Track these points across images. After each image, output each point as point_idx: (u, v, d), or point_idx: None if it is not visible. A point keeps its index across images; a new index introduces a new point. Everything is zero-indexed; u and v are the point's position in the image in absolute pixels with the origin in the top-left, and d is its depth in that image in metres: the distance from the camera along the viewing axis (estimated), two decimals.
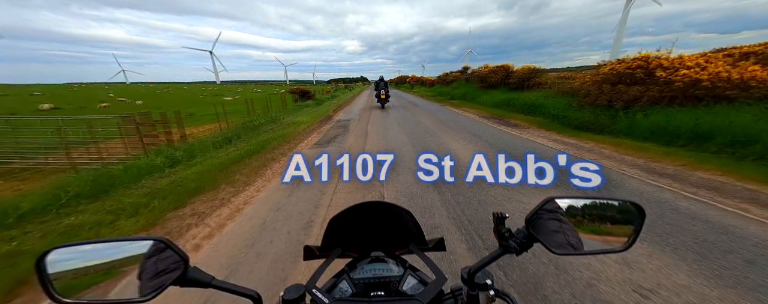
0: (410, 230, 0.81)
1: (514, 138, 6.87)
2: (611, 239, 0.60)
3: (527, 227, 0.62)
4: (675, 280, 2.01)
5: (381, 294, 0.70)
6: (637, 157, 5.00)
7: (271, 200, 3.71)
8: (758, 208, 3.02)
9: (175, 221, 3.29)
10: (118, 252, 0.54)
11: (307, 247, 0.86)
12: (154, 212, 3.42)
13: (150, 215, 3.35)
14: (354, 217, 0.79)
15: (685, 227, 2.67)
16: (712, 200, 3.23)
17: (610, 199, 0.62)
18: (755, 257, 2.21)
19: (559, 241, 0.59)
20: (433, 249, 0.86)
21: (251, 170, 5.03)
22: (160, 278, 0.55)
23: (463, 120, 9.98)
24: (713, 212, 2.95)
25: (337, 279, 0.77)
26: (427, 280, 0.75)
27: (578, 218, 0.61)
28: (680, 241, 2.46)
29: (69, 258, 0.52)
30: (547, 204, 0.62)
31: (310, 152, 6.23)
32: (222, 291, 0.59)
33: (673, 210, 3.01)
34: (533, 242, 0.61)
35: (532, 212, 0.62)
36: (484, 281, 0.65)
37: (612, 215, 0.61)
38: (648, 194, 3.49)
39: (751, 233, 2.54)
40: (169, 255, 0.56)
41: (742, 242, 2.42)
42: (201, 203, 3.72)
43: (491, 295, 0.65)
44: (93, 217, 3.26)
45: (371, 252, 0.84)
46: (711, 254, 2.26)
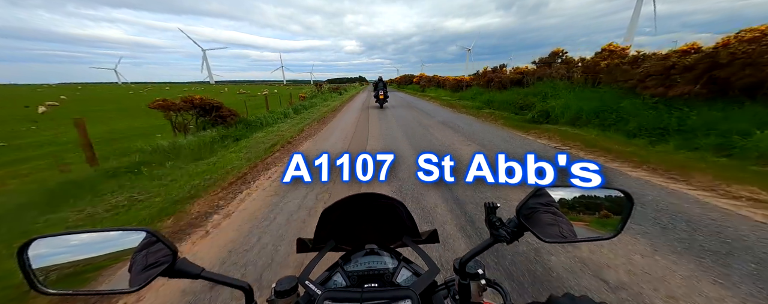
0: (403, 222, 0.81)
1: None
2: (600, 226, 0.61)
3: (518, 216, 0.62)
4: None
5: (374, 286, 0.70)
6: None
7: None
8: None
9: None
10: (106, 242, 0.53)
11: (300, 239, 0.85)
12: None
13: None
14: (347, 209, 0.79)
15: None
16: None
17: (598, 187, 0.63)
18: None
19: (549, 230, 0.60)
20: (426, 241, 0.86)
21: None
22: (149, 270, 0.54)
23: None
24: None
25: (331, 272, 0.77)
26: (422, 272, 0.75)
27: (568, 207, 0.62)
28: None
29: (54, 248, 0.51)
30: (537, 193, 0.63)
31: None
32: (212, 283, 0.59)
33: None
34: (524, 231, 0.62)
35: (523, 202, 0.62)
36: (476, 270, 0.66)
37: (600, 202, 0.62)
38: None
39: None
40: (159, 247, 0.55)
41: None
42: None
43: (483, 284, 0.66)
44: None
45: (365, 245, 0.84)
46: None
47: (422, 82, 32.23)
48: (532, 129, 7.68)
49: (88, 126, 5.21)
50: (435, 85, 28.01)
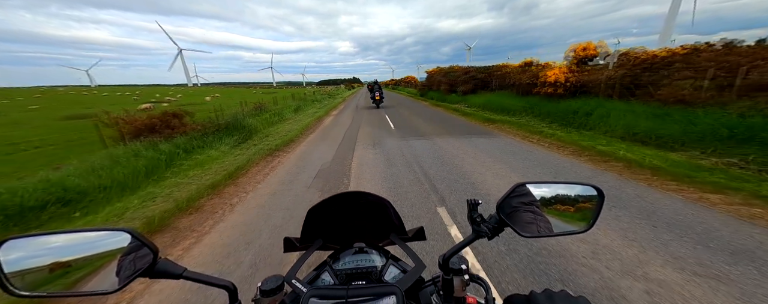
0: (391, 220, 0.82)
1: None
2: (574, 219, 0.65)
3: (498, 212, 0.65)
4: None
5: (362, 283, 0.71)
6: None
7: None
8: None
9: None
10: (85, 244, 0.51)
11: (287, 239, 0.85)
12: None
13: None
14: (334, 208, 0.79)
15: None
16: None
17: (574, 183, 0.67)
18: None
19: (527, 225, 0.63)
20: (413, 239, 0.88)
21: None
22: (129, 271, 0.53)
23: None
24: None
25: (319, 271, 0.77)
26: (409, 269, 0.77)
27: (545, 201, 0.65)
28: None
29: (29, 249, 0.49)
30: (516, 189, 0.65)
31: None
32: (195, 283, 0.58)
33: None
34: (504, 226, 0.65)
35: (503, 198, 0.65)
36: (460, 266, 0.68)
37: (575, 197, 0.66)
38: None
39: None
40: (140, 248, 0.54)
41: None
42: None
43: (466, 279, 0.68)
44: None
45: (354, 243, 0.85)
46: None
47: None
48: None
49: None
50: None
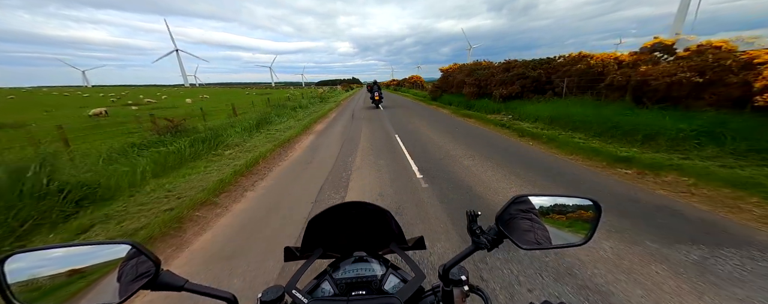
0: (391, 230, 0.83)
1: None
2: (572, 232, 0.66)
3: (497, 224, 0.65)
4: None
5: (362, 293, 0.71)
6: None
7: None
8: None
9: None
10: (89, 256, 0.52)
11: (287, 248, 0.85)
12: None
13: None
14: (334, 217, 0.80)
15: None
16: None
17: (572, 196, 0.68)
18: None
19: (526, 237, 0.64)
20: (413, 248, 0.88)
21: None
22: (132, 283, 0.53)
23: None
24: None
25: (320, 280, 0.77)
26: (409, 278, 0.77)
27: (543, 214, 0.66)
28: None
29: (33, 263, 0.49)
30: (515, 201, 0.66)
31: None
32: (197, 294, 0.58)
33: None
34: (503, 238, 0.65)
35: (502, 210, 0.65)
36: (459, 277, 0.68)
37: (573, 210, 0.67)
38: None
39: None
40: (143, 260, 0.55)
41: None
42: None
43: (465, 290, 0.69)
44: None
45: (354, 252, 0.85)
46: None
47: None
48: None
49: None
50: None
